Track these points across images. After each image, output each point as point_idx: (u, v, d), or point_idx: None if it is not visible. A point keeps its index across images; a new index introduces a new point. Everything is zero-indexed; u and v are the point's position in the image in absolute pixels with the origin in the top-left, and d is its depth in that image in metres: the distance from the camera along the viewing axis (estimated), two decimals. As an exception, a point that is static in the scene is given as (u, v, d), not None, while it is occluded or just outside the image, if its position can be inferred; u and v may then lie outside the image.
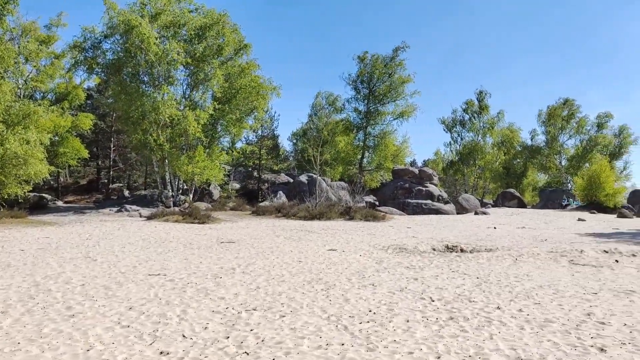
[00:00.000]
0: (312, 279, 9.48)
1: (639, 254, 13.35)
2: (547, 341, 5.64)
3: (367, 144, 47.32)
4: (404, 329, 6.10)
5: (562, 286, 9.00)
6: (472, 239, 18.02)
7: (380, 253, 13.71)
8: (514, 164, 61.55)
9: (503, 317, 6.72)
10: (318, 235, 18.64)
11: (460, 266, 11.50)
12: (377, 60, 45.67)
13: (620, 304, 7.54)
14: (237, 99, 32.23)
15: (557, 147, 58.59)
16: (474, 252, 14.42)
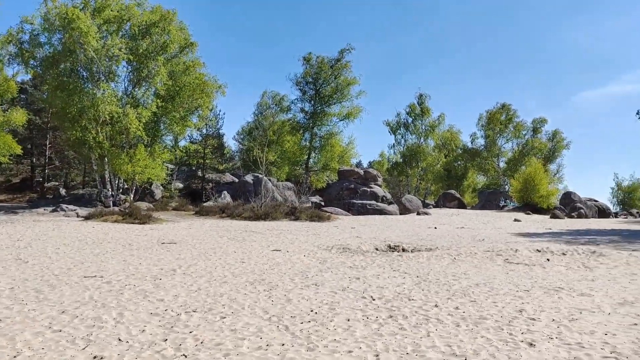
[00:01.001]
0: (255, 280, 9.43)
1: (569, 253, 14.05)
2: (480, 337, 5.85)
3: (314, 145, 47.53)
4: (344, 328, 6.17)
5: (497, 284, 9.36)
6: (413, 238, 18.43)
7: (324, 253, 13.80)
8: (455, 166, 63.46)
9: (440, 315, 6.91)
10: (262, 235, 18.55)
11: (401, 265, 11.74)
12: (322, 61, 45.97)
13: (549, 301, 7.91)
14: (181, 97, 31.61)
15: (496, 150, 60.86)
16: (415, 251, 14.76)
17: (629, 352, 5.26)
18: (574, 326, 6.33)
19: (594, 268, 11.50)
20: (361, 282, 9.45)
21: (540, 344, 5.59)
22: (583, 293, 8.51)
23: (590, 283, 9.53)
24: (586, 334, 5.99)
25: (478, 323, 6.49)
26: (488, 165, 61.64)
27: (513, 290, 8.78)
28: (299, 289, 8.62)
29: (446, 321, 6.58)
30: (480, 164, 61.85)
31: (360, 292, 8.47)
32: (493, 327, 6.31)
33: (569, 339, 5.77)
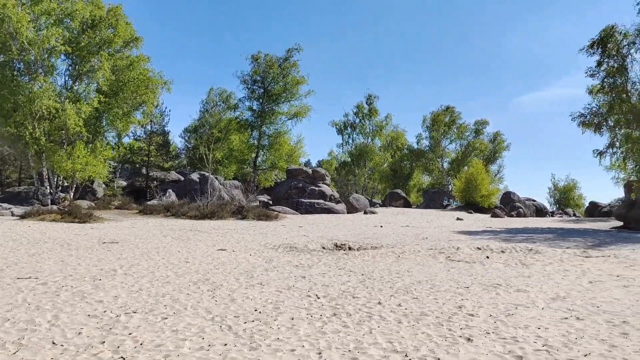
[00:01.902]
0: (199, 280, 9.28)
1: (507, 251, 14.60)
2: (421, 333, 5.98)
3: (262, 143, 47.25)
4: (288, 327, 6.16)
5: (438, 281, 9.60)
6: (359, 237, 18.64)
7: (271, 252, 13.75)
8: (401, 166, 64.65)
9: (383, 312, 7.02)
10: (208, 235, 18.28)
11: (347, 264, 11.85)
12: (271, 60, 45.79)
13: (487, 297, 8.18)
14: (124, 93, 30.68)
15: (440, 151, 62.45)
16: (361, 249, 14.93)
17: (559, 345, 5.52)
18: (509, 321, 6.57)
19: (530, 265, 11.99)
20: (307, 280, 9.47)
21: (477, 339, 5.76)
22: (519, 289, 8.85)
23: (527, 279, 9.93)
24: (521, 328, 6.23)
25: (419, 319, 6.64)
26: (432, 166, 63.18)
27: (454, 287, 9.03)
28: (243, 289, 8.54)
29: (389, 318, 6.69)
30: (425, 164, 63.30)
31: (306, 290, 8.49)
32: (433, 323, 6.47)
33: (505, 333, 5.99)
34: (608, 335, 5.91)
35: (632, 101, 26.74)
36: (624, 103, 26.90)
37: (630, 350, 5.31)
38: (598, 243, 17.32)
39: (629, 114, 26.53)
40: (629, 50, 27.21)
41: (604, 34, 27.48)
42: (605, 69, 27.64)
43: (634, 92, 27.13)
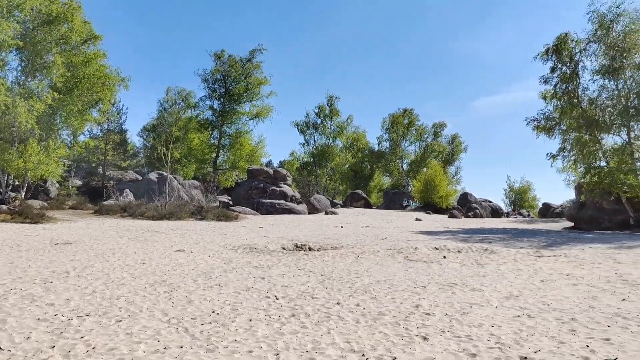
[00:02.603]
0: (156, 281, 9.11)
1: (464, 251, 14.91)
2: (378, 333, 6.04)
3: (222, 143, 46.77)
4: (246, 328, 6.12)
5: (396, 281, 9.72)
6: (320, 237, 18.69)
7: (230, 253, 13.63)
8: (362, 166, 65.18)
9: (341, 312, 7.06)
10: (166, 235, 17.97)
11: (307, 264, 11.86)
12: (234, 60, 45.39)
13: (444, 296, 8.34)
14: (79, 89, 29.79)
15: (400, 152, 63.30)
16: (321, 250, 14.98)
17: (511, 342, 5.67)
18: (464, 320, 6.71)
19: (485, 265, 12.28)
20: (266, 281, 9.43)
21: (433, 337, 5.86)
22: (474, 288, 9.05)
23: (482, 279, 10.16)
24: (475, 326, 6.37)
25: (377, 319, 6.70)
26: (392, 167, 63.95)
27: (411, 286, 9.16)
28: (201, 290, 8.43)
29: (347, 318, 6.73)
30: (385, 165, 64.00)
31: (265, 291, 8.45)
32: (391, 322, 6.54)
33: (460, 332, 6.11)
34: (557, 332, 6.11)
35: (582, 106, 27.76)
36: (575, 108, 27.90)
37: (577, 347, 5.51)
38: (550, 243, 17.89)
39: (579, 119, 27.52)
40: (580, 57, 28.25)
41: (558, 42, 28.43)
42: (559, 75, 28.60)
43: (584, 97, 28.17)
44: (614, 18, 26.76)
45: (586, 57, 28.18)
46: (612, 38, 26.68)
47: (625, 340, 5.75)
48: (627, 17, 26.56)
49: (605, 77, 27.31)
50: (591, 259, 13.18)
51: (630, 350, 5.38)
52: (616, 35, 26.60)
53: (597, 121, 27.15)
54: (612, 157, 27.46)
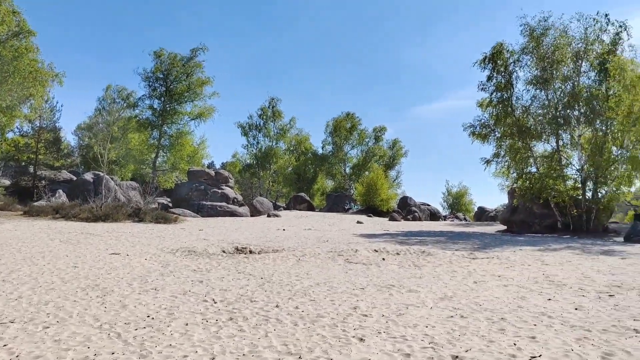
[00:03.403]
0: (88, 286, 8.77)
1: (402, 253, 15.23)
2: (316, 335, 6.07)
3: (163, 144, 45.62)
4: (181, 333, 6.00)
5: (336, 283, 9.81)
6: (261, 240, 18.59)
7: (168, 256, 13.32)
8: (306, 169, 65.37)
9: (280, 315, 7.05)
10: (101, 238, 17.35)
11: (247, 267, 11.77)
12: (174, 58, 44.41)
13: (381, 298, 8.49)
14: (8, 84, 28.27)
15: (342, 155, 63.92)
16: (262, 253, 14.90)
17: (444, 342, 5.84)
18: (400, 320, 6.86)
19: (422, 266, 12.60)
20: (204, 285, 9.28)
21: (369, 338, 5.96)
22: (411, 289, 9.27)
23: (418, 280, 10.42)
24: (410, 327, 6.52)
25: (315, 321, 6.74)
26: (335, 170, 64.50)
27: (350, 288, 9.27)
28: (136, 294, 8.20)
29: (285, 321, 6.72)
30: (328, 168, 64.46)
31: (202, 295, 8.31)
32: (329, 324, 6.60)
33: (395, 332, 6.24)
34: (487, 332, 6.35)
35: (515, 115, 29.02)
36: (509, 116, 29.13)
37: (505, 345, 5.74)
38: (484, 246, 18.57)
39: (513, 126, 28.75)
40: (514, 67, 29.54)
41: (494, 51, 29.60)
42: (494, 84, 29.77)
43: (518, 106, 29.47)
44: (544, 31, 28.16)
45: (519, 68, 29.52)
46: (542, 50, 28.06)
47: (549, 338, 6.05)
48: (555, 31, 28.03)
49: (536, 87, 28.68)
50: (521, 261, 13.79)
51: (553, 347, 5.67)
52: (546, 48, 28.00)
53: (529, 129, 28.46)
54: (542, 163, 28.86)
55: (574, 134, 27.98)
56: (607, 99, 25.86)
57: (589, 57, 27.70)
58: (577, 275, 11.30)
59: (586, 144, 27.44)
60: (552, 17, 28.16)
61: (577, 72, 27.93)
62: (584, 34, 27.65)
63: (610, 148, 26.58)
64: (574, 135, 27.94)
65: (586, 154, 27.12)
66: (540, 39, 28.11)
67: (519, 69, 29.50)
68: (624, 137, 25.82)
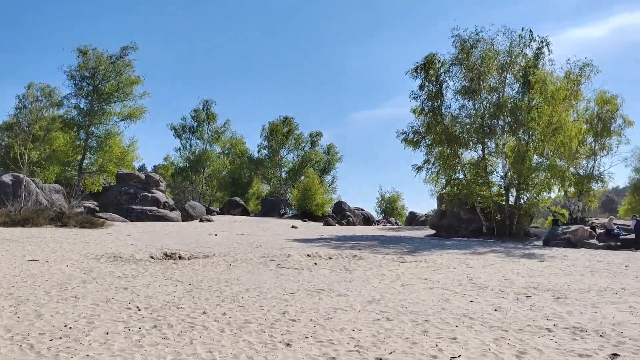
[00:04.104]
0: (0, 294, 8.25)
1: (334, 257, 15.37)
2: (243, 341, 6.00)
3: (90, 145, 43.66)
4: (101, 342, 5.75)
5: (266, 288, 9.75)
6: (192, 245, 18.20)
7: (92, 262, 12.77)
8: (241, 173, 64.65)
9: (207, 322, 6.91)
10: (18, 244, 16.38)
11: (175, 273, 11.48)
12: (102, 56, 42.68)
13: (311, 302, 8.52)
14: None
15: (278, 160, 63.75)
16: (192, 258, 14.59)
17: (369, 345, 5.94)
18: (328, 325, 6.91)
19: (353, 270, 12.77)
20: (129, 292, 8.97)
21: (296, 343, 5.96)
22: (340, 293, 9.36)
23: (348, 284, 10.55)
24: (337, 331, 6.58)
25: (242, 327, 6.66)
26: (271, 175, 64.21)
27: (280, 293, 9.24)
28: (54, 303, 7.79)
29: (212, 327, 6.60)
30: (264, 173, 64.08)
31: (126, 302, 8.02)
32: (256, 330, 6.54)
33: (322, 336, 6.27)
34: (411, 334, 6.51)
35: (445, 123, 30.05)
36: (439, 124, 30.11)
37: (427, 346, 5.91)
38: (413, 249, 19.07)
39: (442, 134, 29.75)
40: (444, 77, 30.60)
41: (426, 61, 30.53)
42: (426, 93, 30.70)
43: (447, 115, 30.54)
44: (474, 44, 29.35)
45: (449, 78, 30.60)
46: (471, 62, 29.23)
47: (469, 339, 6.29)
48: (484, 44, 29.28)
49: (464, 97, 29.84)
50: (447, 264, 14.27)
51: (472, 348, 5.89)
52: (475, 60, 29.19)
53: (457, 137, 29.55)
54: (469, 170, 30.04)
55: (498, 142, 29.32)
56: (530, 110, 27.28)
57: (513, 70, 29.15)
58: (498, 278, 11.83)
59: (510, 153, 28.83)
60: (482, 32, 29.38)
61: (502, 83, 29.32)
62: (509, 48, 29.06)
63: (532, 156, 28.04)
64: (499, 143, 29.28)
65: (510, 162, 28.48)
66: (470, 51, 29.26)
67: (449, 79, 30.60)
68: (544, 146, 27.34)
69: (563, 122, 26.74)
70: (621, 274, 12.74)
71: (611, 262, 15.54)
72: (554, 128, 26.42)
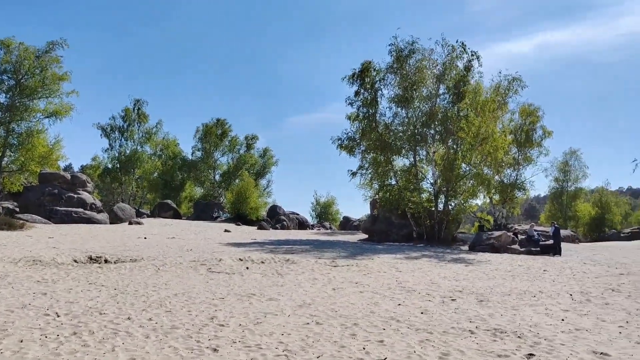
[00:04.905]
0: None
1: (267, 261, 15.28)
2: (168, 347, 5.85)
3: (10, 142, 41.14)
4: (14, 351, 5.43)
5: (195, 293, 9.55)
6: (119, 249, 17.55)
7: (8, 266, 12.03)
8: (173, 176, 63.04)
9: (131, 328, 6.69)
10: None
11: (99, 278, 11.03)
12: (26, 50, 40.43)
13: (240, 307, 8.42)
14: None
15: (212, 162, 62.69)
16: (119, 262, 14.08)
17: (297, 349, 5.95)
18: (257, 329, 6.86)
19: (285, 275, 12.74)
20: (48, 297, 8.52)
21: (223, 348, 5.87)
22: (271, 298, 9.32)
23: (280, 288, 10.52)
24: (266, 335, 6.54)
25: (168, 333, 6.49)
26: (204, 177, 63.06)
27: (210, 298, 9.08)
28: (-37, 310, 7.28)
29: (136, 333, 6.39)
30: (197, 175, 62.83)
31: (44, 308, 7.62)
32: (183, 335, 6.39)
33: (251, 341, 6.22)
34: (340, 337, 6.58)
35: (379, 130, 30.66)
36: (373, 131, 30.68)
37: (355, 349, 5.99)
38: (346, 254, 19.29)
39: (376, 141, 30.33)
40: (380, 85, 31.21)
41: (363, 68, 31.03)
42: (361, 100, 31.20)
43: (381, 122, 31.17)
44: (409, 54, 30.12)
45: (384, 86, 31.24)
46: (406, 71, 30.01)
47: (395, 341, 6.43)
48: (419, 54, 30.13)
49: (398, 105, 30.58)
50: (378, 268, 14.55)
51: (399, 350, 6.03)
52: (409, 69, 29.99)
53: (390, 144, 30.22)
54: (401, 177, 30.80)
55: (429, 150, 30.26)
56: (459, 120, 28.33)
57: (445, 81, 30.17)
58: (425, 282, 12.19)
59: (439, 160, 29.82)
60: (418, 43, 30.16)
61: (435, 93, 30.27)
62: (442, 59, 30.04)
63: (460, 165, 29.12)
64: (430, 151, 30.22)
65: (439, 170, 29.45)
66: (405, 60, 30.00)
67: (384, 87, 31.24)
68: (472, 155, 28.48)
69: (490, 133, 27.97)
70: (539, 278, 13.46)
71: (531, 266, 16.40)
72: (481, 138, 27.58)
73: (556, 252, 21.50)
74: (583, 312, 8.68)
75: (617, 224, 55.09)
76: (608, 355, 5.97)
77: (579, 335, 6.99)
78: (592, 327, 7.52)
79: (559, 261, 18.55)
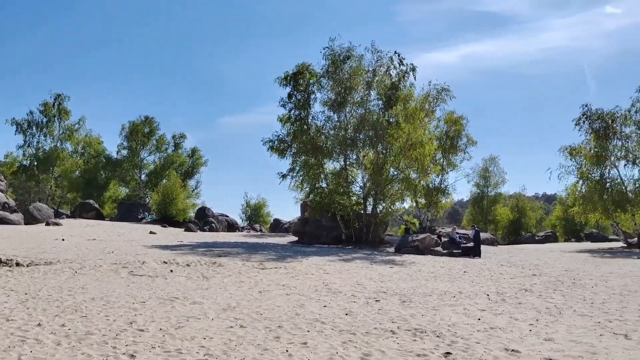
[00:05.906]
0: None
1: (192, 264, 14.91)
2: (81, 354, 5.56)
3: None
4: None
5: (114, 297, 9.16)
6: (34, 251, 16.56)
7: None
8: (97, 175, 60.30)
9: (41, 334, 6.31)
10: None
11: (9, 282, 10.36)
12: None
13: (162, 311, 8.16)
14: None
15: (138, 161, 60.50)
16: (32, 265, 13.26)
17: (219, 353, 5.82)
18: (178, 334, 6.66)
19: (210, 277, 12.50)
20: (-52, 303, 7.88)
21: (141, 354, 5.65)
22: (195, 301, 9.10)
23: (204, 292, 10.29)
24: (187, 340, 6.37)
25: (82, 339, 6.18)
26: (130, 177, 60.77)
27: (130, 302, 8.74)
28: None
29: (46, 340, 6.04)
30: (122, 174, 60.43)
31: (-57, 316, 7.04)
32: (98, 342, 6.10)
33: (171, 346, 6.03)
34: (264, 340, 6.52)
35: (310, 133, 30.81)
36: (305, 134, 30.79)
37: (278, 352, 5.96)
38: (274, 256, 19.19)
39: (308, 144, 30.46)
40: (313, 88, 31.35)
41: (297, 70, 31.06)
42: (294, 102, 31.22)
43: (313, 125, 31.34)
44: (344, 59, 30.45)
45: (318, 89, 31.42)
46: (340, 76, 30.32)
47: (319, 343, 6.45)
48: (354, 61, 30.53)
49: (331, 109, 30.87)
50: (306, 270, 14.58)
51: (321, 352, 6.06)
52: (344, 74, 30.33)
53: (321, 147, 30.45)
54: (331, 180, 31.08)
55: (359, 154, 30.75)
56: (389, 126, 28.98)
57: (377, 88, 30.76)
58: (352, 283, 12.34)
59: (369, 164, 30.37)
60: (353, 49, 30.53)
61: (367, 99, 30.80)
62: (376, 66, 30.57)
63: (389, 169, 29.81)
64: (360, 155, 30.71)
65: (368, 173, 30.00)
66: (340, 65, 30.30)
67: (318, 90, 31.42)
68: (400, 160, 29.24)
69: (419, 140, 28.80)
70: (460, 279, 13.99)
71: (452, 268, 17.02)
72: (410, 144, 28.35)
73: (476, 254, 22.45)
74: (498, 312, 9.10)
75: (532, 228, 58.40)
76: (518, 352, 6.27)
77: (493, 333, 7.30)
78: (506, 325, 7.89)
79: (478, 263, 19.38)
